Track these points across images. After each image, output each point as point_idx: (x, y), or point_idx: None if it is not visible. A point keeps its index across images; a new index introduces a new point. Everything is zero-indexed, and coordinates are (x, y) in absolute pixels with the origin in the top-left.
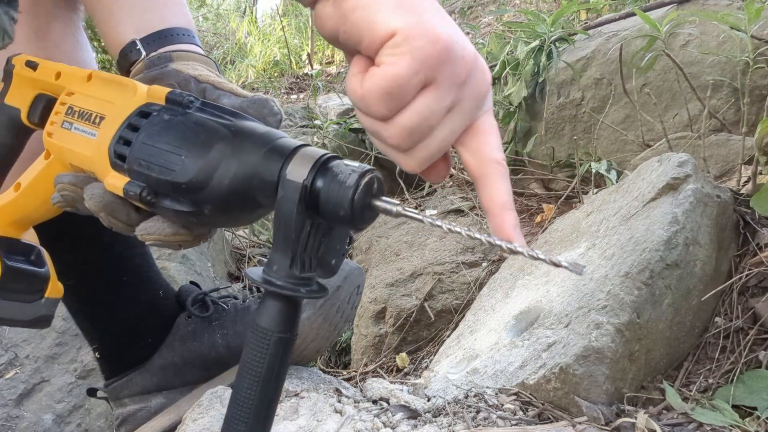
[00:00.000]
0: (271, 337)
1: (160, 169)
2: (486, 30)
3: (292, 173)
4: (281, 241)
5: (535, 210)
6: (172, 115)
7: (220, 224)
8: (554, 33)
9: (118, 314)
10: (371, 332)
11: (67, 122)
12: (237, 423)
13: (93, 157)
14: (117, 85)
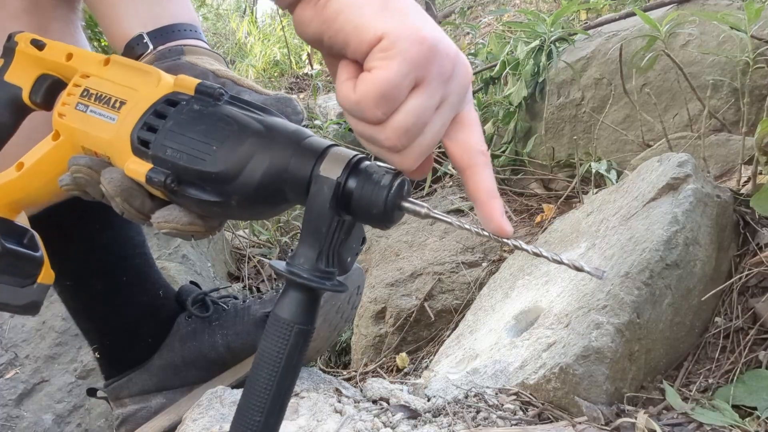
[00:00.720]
0: (292, 328)
1: (189, 158)
2: (486, 30)
3: (325, 171)
4: (310, 235)
5: (535, 210)
6: (203, 105)
7: (242, 217)
8: (554, 33)
9: (118, 314)
10: (371, 332)
11: (82, 104)
12: (252, 413)
13: (111, 141)
14: (139, 71)
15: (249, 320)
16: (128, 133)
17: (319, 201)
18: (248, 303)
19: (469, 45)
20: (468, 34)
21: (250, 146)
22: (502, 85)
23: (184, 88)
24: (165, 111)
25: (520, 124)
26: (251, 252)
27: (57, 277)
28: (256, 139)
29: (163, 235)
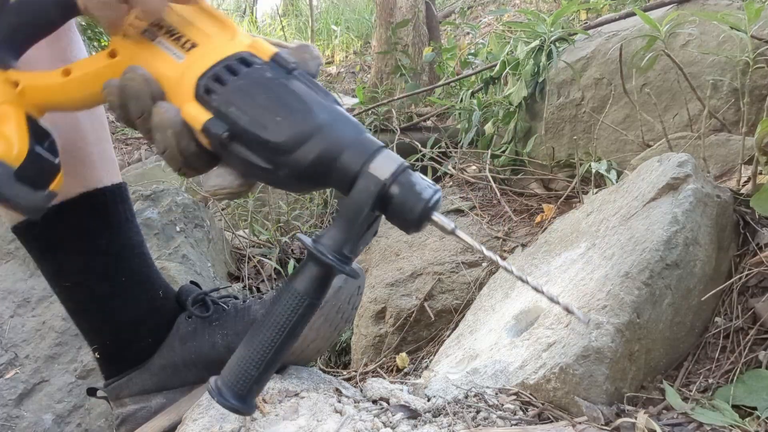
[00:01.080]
0: (304, 301)
1: (252, 121)
2: (486, 30)
3: (374, 169)
4: (344, 221)
5: (535, 210)
6: (275, 75)
7: (280, 185)
8: (554, 33)
9: (117, 315)
10: (371, 332)
11: (150, 32)
12: (250, 366)
13: (174, 79)
14: (216, 19)
15: (249, 320)
16: (195, 78)
17: (363, 195)
18: (248, 303)
19: (469, 45)
20: (468, 34)
21: (312, 127)
22: (502, 85)
23: (259, 52)
24: (237, 69)
25: (520, 124)
26: (251, 252)
27: (55, 278)
28: (318, 122)
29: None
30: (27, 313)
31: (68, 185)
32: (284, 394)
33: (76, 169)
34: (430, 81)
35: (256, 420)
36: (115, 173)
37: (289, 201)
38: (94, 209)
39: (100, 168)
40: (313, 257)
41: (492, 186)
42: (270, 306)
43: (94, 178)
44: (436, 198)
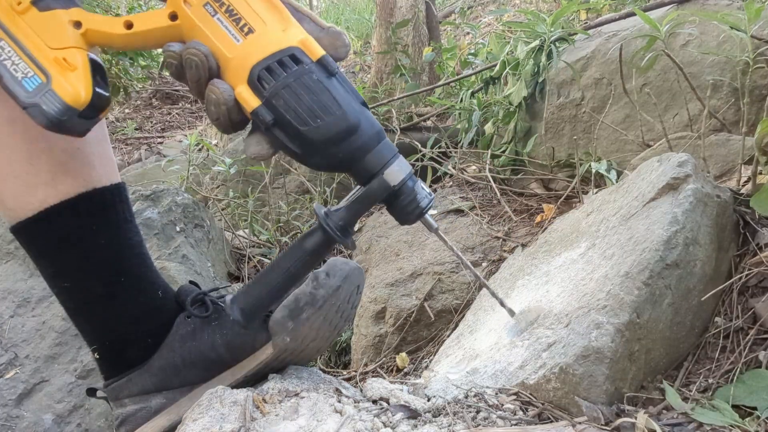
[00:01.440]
0: (307, 257)
1: (296, 117)
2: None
3: (389, 175)
4: (356, 206)
5: (535, 210)
6: (321, 77)
7: (305, 164)
8: (554, 33)
9: (116, 315)
10: (371, 332)
11: (212, 8)
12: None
13: (231, 59)
14: (270, 4)
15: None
16: (250, 64)
17: (376, 193)
18: None
19: (469, 45)
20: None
21: (345, 132)
22: (502, 85)
23: (309, 51)
24: (288, 65)
25: (520, 124)
26: (251, 252)
27: (54, 279)
28: (350, 126)
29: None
30: (27, 313)
31: (67, 185)
32: (284, 394)
33: (75, 169)
34: (430, 81)
35: (256, 420)
36: (114, 173)
37: (289, 201)
38: (94, 209)
39: (99, 168)
40: (323, 228)
41: (492, 186)
42: (281, 257)
43: (94, 178)
44: (430, 204)
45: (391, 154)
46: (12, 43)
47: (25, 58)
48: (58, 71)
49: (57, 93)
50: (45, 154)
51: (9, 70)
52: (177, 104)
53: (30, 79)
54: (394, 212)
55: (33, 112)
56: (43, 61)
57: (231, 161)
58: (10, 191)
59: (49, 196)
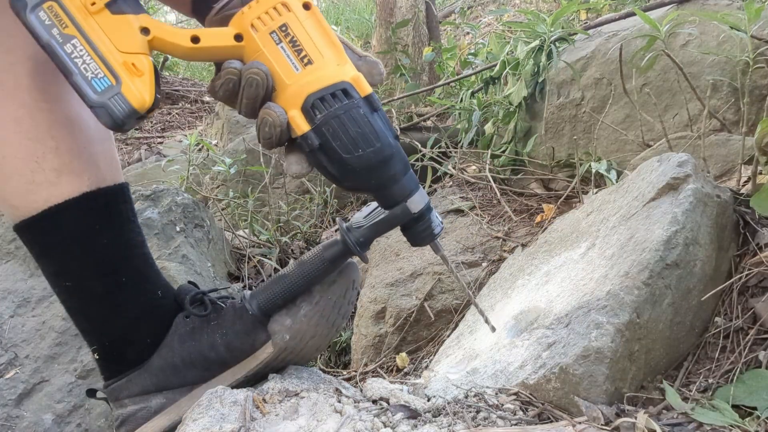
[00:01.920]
0: (326, 264)
1: (341, 145)
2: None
3: (411, 203)
4: (376, 227)
5: (535, 210)
6: (366, 112)
7: (336, 184)
8: (554, 33)
9: (117, 315)
10: (371, 332)
11: (277, 36)
12: (277, 296)
13: (288, 86)
14: (329, 38)
15: (248, 319)
16: (306, 93)
17: (398, 218)
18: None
19: (469, 45)
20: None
21: (381, 163)
22: (502, 85)
23: (359, 87)
24: (340, 97)
25: (520, 124)
26: (251, 252)
27: (56, 277)
28: (385, 158)
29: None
30: (27, 313)
31: (72, 184)
32: (284, 394)
33: (80, 168)
34: (430, 81)
35: (256, 420)
36: (118, 173)
37: (289, 201)
38: (97, 209)
39: (103, 168)
40: (344, 241)
41: (492, 186)
42: (301, 261)
43: (98, 177)
44: (441, 231)
45: (414, 185)
46: (85, 43)
47: (97, 58)
48: (127, 76)
49: (126, 97)
50: (51, 154)
51: (80, 69)
52: (177, 104)
53: (99, 80)
54: (409, 235)
55: (100, 112)
56: (113, 64)
57: (231, 161)
58: (15, 189)
59: (53, 195)
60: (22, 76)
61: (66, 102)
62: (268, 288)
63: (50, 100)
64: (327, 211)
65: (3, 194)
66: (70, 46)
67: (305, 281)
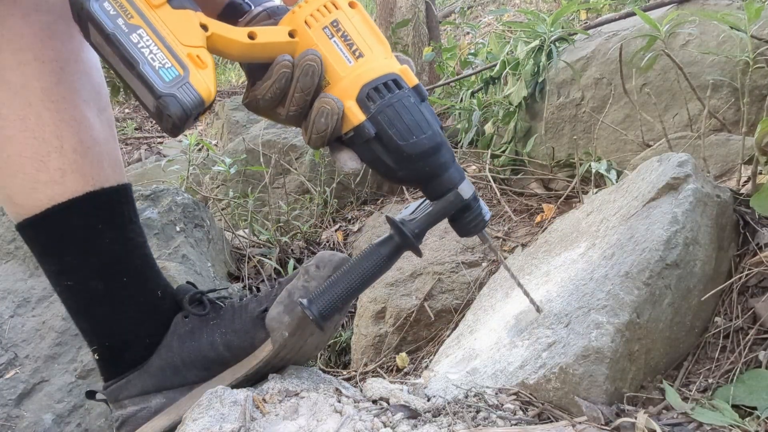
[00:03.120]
0: (383, 260)
1: (396, 132)
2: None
3: (462, 190)
4: (431, 216)
5: (535, 210)
6: (416, 101)
7: (389, 178)
8: (554, 33)
9: (117, 315)
10: (371, 332)
11: (329, 31)
12: (337, 299)
13: (342, 76)
14: (375, 34)
15: (247, 318)
16: (360, 83)
17: (452, 204)
18: (245, 301)
19: (469, 45)
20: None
21: (434, 149)
22: (502, 85)
23: (407, 78)
24: (392, 88)
25: (520, 123)
26: (251, 252)
27: (57, 277)
28: (438, 145)
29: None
30: (27, 313)
31: (76, 183)
32: (284, 394)
33: (84, 168)
34: (430, 81)
35: (256, 420)
36: (121, 173)
37: (289, 201)
38: (99, 209)
39: (107, 167)
40: (401, 234)
41: (492, 186)
42: (357, 261)
43: (102, 177)
44: (488, 218)
45: (461, 173)
46: (151, 33)
47: (164, 48)
48: (193, 66)
49: (194, 86)
50: (56, 153)
51: (147, 58)
52: None
53: (167, 69)
54: (459, 225)
55: (169, 101)
56: (180, 54)
57: (231, 161)
58: (20, 187)
59: (57, 194)
60: (30, 76)
61: (72, 102)
62: (327, 292)
63: (56, 100)
64: (327, 211)
65: (7, 192)
66: (136, 36)
67: (363, 280)
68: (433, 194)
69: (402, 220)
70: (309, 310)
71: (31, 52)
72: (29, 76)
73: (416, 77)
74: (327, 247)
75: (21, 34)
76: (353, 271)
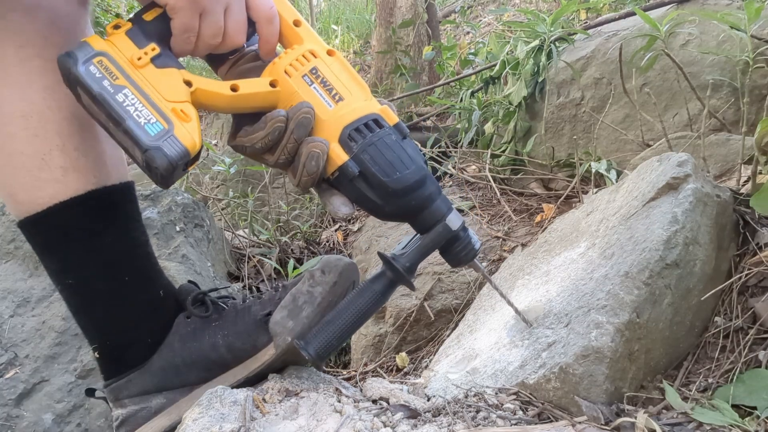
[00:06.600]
0: (377, 296)
1: (381, 169)
2: (486, 30)
3: (450, 221)
4: (421, 250)
5: (535, 210)
6: (397, 138)
7: (377, 215)
8: (554, 33)
9: (119, 314)
10: (371, 332)
11: (309, 78)
12: (332, 338)
13: (324, 121)
14: (354, 78)
15: (250, 320)
16: (342, 125)
17: (440, 236)
18: (248, 303)
19: (470, 44)
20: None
21: (418, 183)
22: (502, 84)
23: (387, 117)
24: (372, 127)
25: (520, 123)
26: (251, 252)
27: (59, 275)
28: (421, 179)
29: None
30: (27, 313)
31: (78, 182)
32: (284, 394)
33: (87, 166)
34: (430, 81)
35: (256, 420)
36: (124, 172)
37: (289, 201)
38: (102, 207)
39: (110, 166)
40: (393, 269)
41: (492, 186)
42: (352, 299)
43: (104, 176)
44: (479, 248)
45: (448, 205)
46: (136, 92)
47: (148, 105)
48: (177, 120)
49: (179, 138)
50: (58, 151)
51: (132, 116)
52: None
53: (152, 124)
54: (450, 256)
55: (155, 154)
56: (165, 110)
57: (231, 161)
58: (22, 185)
59: (59, 192)
60: (34, 73)
61: (74, 101)
62: (322, 331)
63: (59, 98)
64: (327, 211)
65: (9, 190)
66: (121, 96)
67: (357, 317)
68: (422, 227)
69: (393, 255)
70: (306, 351)
71: (34, 49)
72: (33, 74)
73: (396, 116)
74: (327, 247)
75: (23, 30)
76: (348, 309)
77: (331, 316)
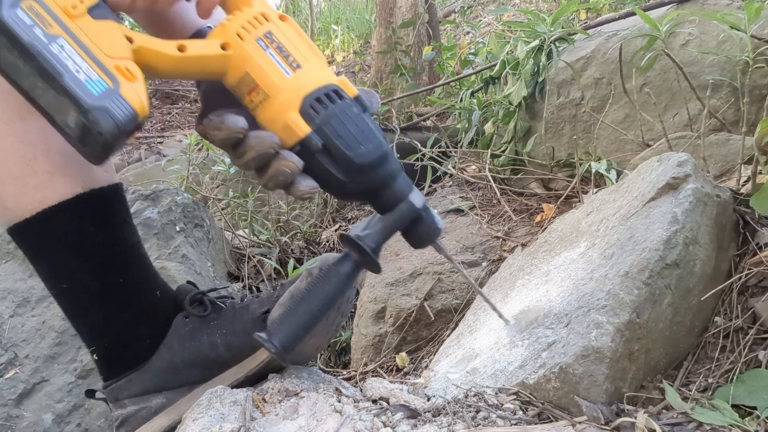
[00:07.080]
0: (344, 280)
1: (343, 142)
2: (486, 29)
3: (413, 199)
4: (385, 230)
5: (535, 210)
6: (359, 111)
7: (340, 195)
8: (554, 32)
9: (115, 316)
10: (371, 332)
11: (263, 42)
12: (298, 328)
13: (283, 89)
14: (309, 46)
15: (248, 319)
16: (302, 95)
17: (405, 215)
18: (246, 302)
19: (470, 44)
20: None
21: (382, 158)
22: (502, 84)
23: (347, 89)
24: (333, 98)
25: (520, 123)
26: (251, 252)
27: (52, 280)
28: (385, 153)
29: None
30: (27, 313)
31: (65, 185)
32: (284, 394)
33: (73, 170)
34: (430, 81)
35: (256, 420)
36: (111, 174)
37: (288, 201)
38: (91, 210)
39: (96, 169)
40: (359, 250)
41: (492, 186)
42: (315, 284)
43: (91, 179)
44: (441, 227)
45: (409, 183)
46: (74, 44)
47: (89, 60)
48: (123, 78)
49: (126, 99)
50: (43, 156)
51: (71, 70)
52: (177, 104)
53: (95, 82)
54: (413, 236)
55: (100, 115)
56: (108, 65)
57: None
58: (9, 191)
59: (46, 197)
60: None
61: None
62: (285, 320)
63: None
64: (327, 210)
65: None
66: (56, 46)
67: (324, 303)
68: (384, 206)
69: (358, 236)
70: (270, 343)
71: None
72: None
73: (356, 89)
74: (327, 246)
75: None
76: (312, 295)
77: (294, 304)
